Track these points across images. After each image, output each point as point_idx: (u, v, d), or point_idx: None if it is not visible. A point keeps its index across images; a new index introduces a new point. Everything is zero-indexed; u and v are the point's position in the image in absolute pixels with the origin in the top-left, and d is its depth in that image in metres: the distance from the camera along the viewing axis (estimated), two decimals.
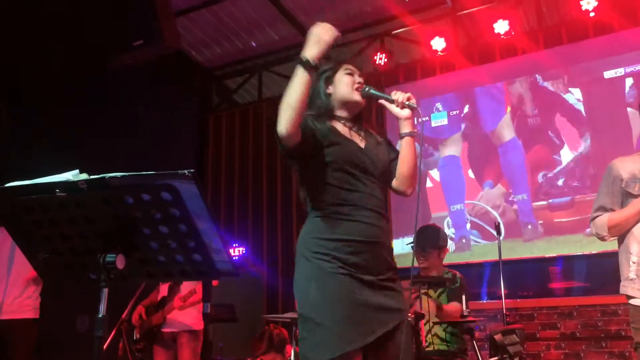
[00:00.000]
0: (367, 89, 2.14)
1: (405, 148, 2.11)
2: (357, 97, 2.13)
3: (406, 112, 2.10)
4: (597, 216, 2.61)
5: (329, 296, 1.89)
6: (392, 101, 2.12)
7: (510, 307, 5.26)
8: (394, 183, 2.14)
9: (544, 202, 5.74)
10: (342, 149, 2.03)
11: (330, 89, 2.17)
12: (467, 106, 6.34)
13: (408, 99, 2.09)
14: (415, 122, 2.15)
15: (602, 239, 2.62)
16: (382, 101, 2.14)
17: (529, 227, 5.77)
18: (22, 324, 4.11)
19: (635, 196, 2.49)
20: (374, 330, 1.89)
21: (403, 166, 2.10)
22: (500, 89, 6.17)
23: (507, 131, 6.06)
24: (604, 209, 2.59)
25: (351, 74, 2.18)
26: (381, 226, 2.01)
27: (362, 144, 2.10)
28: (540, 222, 5.72)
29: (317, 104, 2.14)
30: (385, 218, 2.04)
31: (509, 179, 5.99)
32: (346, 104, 2.15)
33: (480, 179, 6.12)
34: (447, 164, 6.28)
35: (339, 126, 2.13)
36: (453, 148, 6.31)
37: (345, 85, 2.15)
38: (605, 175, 2.65)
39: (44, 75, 5.16)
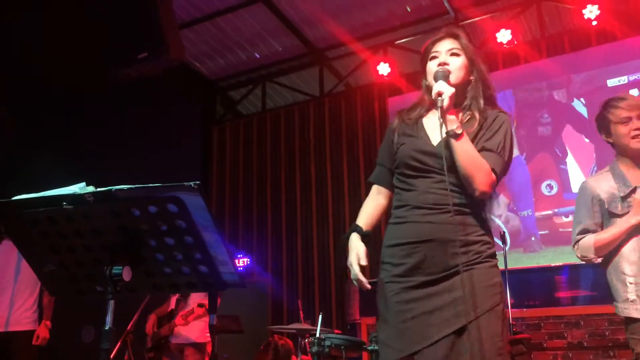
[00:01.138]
0: (439, 70, 1.90)
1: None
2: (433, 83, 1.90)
3: (439, 108, 1.82)
4: (580, 238, 2.57)
5: (382, 308, 1.90)
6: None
7: (517, 316, 5.22)
8: None
9: (549, 212, 5.73)
10: (402, 150, 1.94)
11: (426, 81, 2.01)
12: None
13: (438, 94, 1.82)
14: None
15: (588, 261, 2.56)
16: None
17: (532, 239, 5.76)
18: (25, 336, 4.12)
19: (620, 215, 2.45)
20: (428, 336, 1.77)
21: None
22: (507, 98, 6.18)
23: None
24: (586, 231, 2.55)
25: (436, 57, 1.97)
26: (439, 222, 1.83)
27: (436, 138, 1.89)
28: (545, 232, 5.70)
29: (418, 102, 2.07)
30: (450, 211, 1.81)
31: (513, 195, 6.00)
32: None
33: None
34: None
35: (431, 118, 1.98)
36: None
37: (429, 74, 1.97)
38: (581, 196, 2.58)
39: (49, 87, 5.19)
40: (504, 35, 6.05)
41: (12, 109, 5.01)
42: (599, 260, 2.56)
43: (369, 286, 1.88)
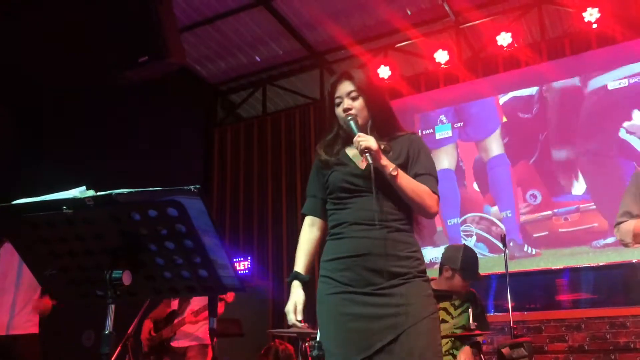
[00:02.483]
0: (349, 120, 2.10)
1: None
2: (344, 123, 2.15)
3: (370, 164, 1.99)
4: (622, 221, 2.56)
5: (325, 319, 2.04)
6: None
7: (518, 320, 5.22)
8: None
9: (549, 212, 5.71)
10: (334, 176, 2.12)
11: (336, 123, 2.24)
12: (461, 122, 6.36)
13: (365, 150, 1.97)
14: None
15: (625, 245, 2.57)
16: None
17: (511, 244, 5.75)
18: (27, 339, 4.12)
19: None
20: (371, 344, 1.92)
21: None
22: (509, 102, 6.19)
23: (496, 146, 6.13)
24: (629, 215, 2.54)
25: (340, 102, 2.17)
26: (373, 237, 1.98)
27: (362, 164, 2.07)
28: (544, 233, 5.68)
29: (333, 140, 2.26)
30: (384, 227, 1.99)
31: (495, 194, 6.02)
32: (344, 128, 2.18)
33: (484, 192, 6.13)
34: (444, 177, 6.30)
35: (349, 149, 2.18)
36: (447, 161, 6.35)
37: (339, 119, 2.19)
38: (631, 183, 2.61)
39: (50, 91, 5.20)
40: (504, 39, 6.05)
41: (13, 112, 5.01)
42: (636, 246, 2.55)
43: (304, 325, 2.06)
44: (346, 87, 2.16)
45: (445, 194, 6.18)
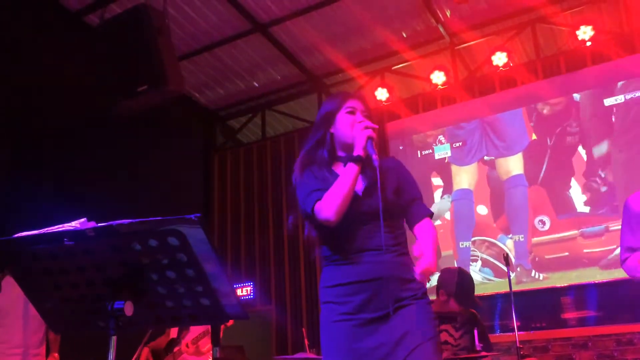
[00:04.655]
0: (368, 138, 2.02)
1: None
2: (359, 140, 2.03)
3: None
4: (626, 258, 2.54)
5: (330, 346, 2.00)
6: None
7: (524, 339, 5.17)
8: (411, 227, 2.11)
9: (575, 232, 5.63)
10: None
11: (332, 129, 2.14)
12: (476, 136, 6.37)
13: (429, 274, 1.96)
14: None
15: (639, 280, 2.54)
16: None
17: (518, 269, 5.72)
18: None
19: None
20: None
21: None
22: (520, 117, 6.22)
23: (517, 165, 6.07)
24: (631, 250, 2.52)
25: (352, 112, 2.12)
26: (384, 261, 1.97)
27: (362, 185, 2.05)
28: (564, 254, 5.62)
29: (318, 149, 2.15)
30: (393, 252, 2.00)
31: (508, 215, 5.95)
32: (347, 147, 2.10)
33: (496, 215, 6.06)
34: (460, 197, 6.25)
35: (340, 168, 2.10)
36: (466, 180, 6.27)
37: (346, 127, 2.10)
38: (624, 215, 2.59)
39: (48, 120, 5.23)
40: (499, 58, 6.11)
41: (11, 142, 5.03)
42: None
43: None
44: (360, 104, 2.15)
45: (461, 215, 6.17)
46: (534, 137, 6.04)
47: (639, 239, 2.50)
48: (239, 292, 6.85)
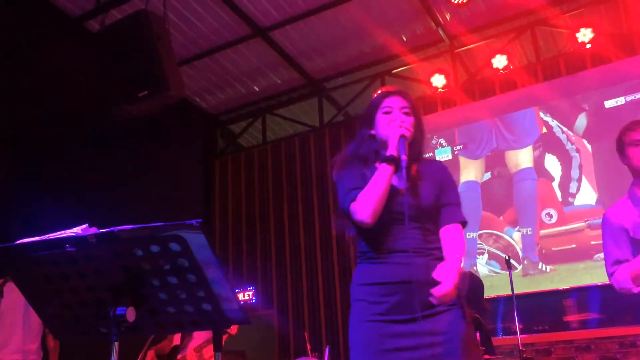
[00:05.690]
0: (400, 137, 2.00)
1: None
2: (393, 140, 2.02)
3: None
4: (614, 271, 2.52)
5: (358, 345, 1.96)
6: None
7: (526, 342, 5.16)
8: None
9: (582, 223, 5.63)
10: None
11: (373, 131, 2.13)
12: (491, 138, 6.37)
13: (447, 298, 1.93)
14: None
15: (627, 291, 2.51)
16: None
17: (525, 262, 5.72)
18: None
19: None
20: None
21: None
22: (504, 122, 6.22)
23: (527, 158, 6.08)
24: (618, 262, 2.51)
25: (389, 112, 2.10)
26: (416, 264, 1.94)
27: (400, 184, 2.01)
28: (571, 246, 5.63)
29: (360, 148, 2.16)
30: (426, 255, 1.98)
31: (517, 208, 5.97)
32: (386, 146, 2.05)
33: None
34: (467, 189, 6.26)
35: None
36: (473, 173, 6.30)
37: (383, 127, 2.09)
38: (605, 229, 2.57)
39: (49, 126, 5.23)
40: (499, 61, 6.12)
41: (12, 148, 5.04)
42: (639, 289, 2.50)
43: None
44: (399, 101, 2.12)
45: (467, 206, 6.17)
46: (544, 130, 6.05)
47: (624, 252, 2.49)
48: (240, 297, 6.85)
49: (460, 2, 5.74)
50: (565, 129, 5.92)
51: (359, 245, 2.10)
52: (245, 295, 6.88)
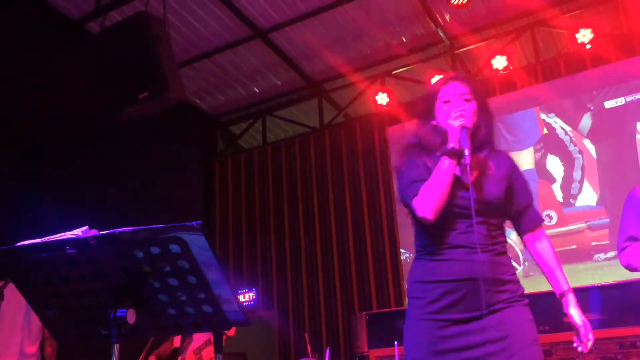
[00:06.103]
0: (461, 128, 1.89)
1: None
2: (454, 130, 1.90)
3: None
4: (627, 246, 2.48)
5: (412, 345, 1.91)
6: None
7: None
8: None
9: (582, 224, 5.63)
10: None
11: (434, 122, 2.04)
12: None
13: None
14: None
15: (633, 270, 2.46)
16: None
17: (526, 263, 5.72)
18: None
19: None
20: None
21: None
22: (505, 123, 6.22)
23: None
24: (633, 239, 2.46)
25: (447, 102, 2.00)
26: (478, 261, 1.84)
27: (468, 178, 1.89)
28: (571, 247, 5.61)
29: (422, 140, 2.06)
30: (489, 251, 1.89)
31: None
32: (448, 137, 1.93)
33: None
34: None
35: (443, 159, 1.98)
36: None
37: (443, 119, 1.98)
38: (629, 204, 2.52)
39: (49, 128, 5.24)
40: (499, 62, 6.12)
41: (12, 150, 5.04)
42: None
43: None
44: (458, 88, 2.01)
45: None
46: (545, 131, 6.04)
47: None
48: (241, 298, 6.84)
49: (460, 3, 5.74)
50: (568, 129, 5.92)
51: (418, 238, 2.01)
52: (246, 297, 6.88)
